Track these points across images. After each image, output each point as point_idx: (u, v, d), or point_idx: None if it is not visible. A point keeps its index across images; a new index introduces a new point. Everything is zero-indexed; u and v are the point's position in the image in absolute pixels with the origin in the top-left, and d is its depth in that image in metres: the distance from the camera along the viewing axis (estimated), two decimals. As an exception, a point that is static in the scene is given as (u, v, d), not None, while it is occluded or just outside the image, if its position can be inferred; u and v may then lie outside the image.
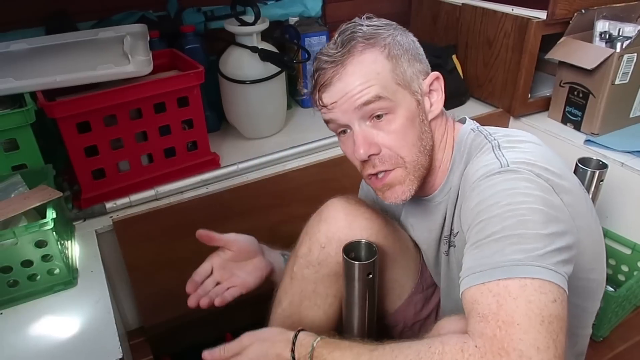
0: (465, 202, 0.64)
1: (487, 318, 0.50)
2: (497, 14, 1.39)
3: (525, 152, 0.65)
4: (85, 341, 0.76)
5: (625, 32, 1.26)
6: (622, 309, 1.12)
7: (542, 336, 0.47)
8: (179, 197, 1.12)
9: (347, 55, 0.68)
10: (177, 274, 1.16)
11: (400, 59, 0.69)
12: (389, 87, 0.68)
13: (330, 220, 0.81)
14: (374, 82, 0.67)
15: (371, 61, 0.68)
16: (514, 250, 0.53)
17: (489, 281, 0.52)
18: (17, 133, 0.95)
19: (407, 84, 0.70)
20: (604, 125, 1.32)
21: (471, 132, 0.74)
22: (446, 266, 0.82)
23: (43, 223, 0.80)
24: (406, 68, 0.70)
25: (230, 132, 1.39)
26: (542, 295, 0.50)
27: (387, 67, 0.68)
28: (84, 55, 1.10)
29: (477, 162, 0.67)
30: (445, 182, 0.76)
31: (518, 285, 0.51)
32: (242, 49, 1.26)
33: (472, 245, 0.58)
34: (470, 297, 0.54)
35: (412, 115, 0.70)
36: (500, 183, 0.60)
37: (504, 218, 0.56)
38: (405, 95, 0.70)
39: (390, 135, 0.70)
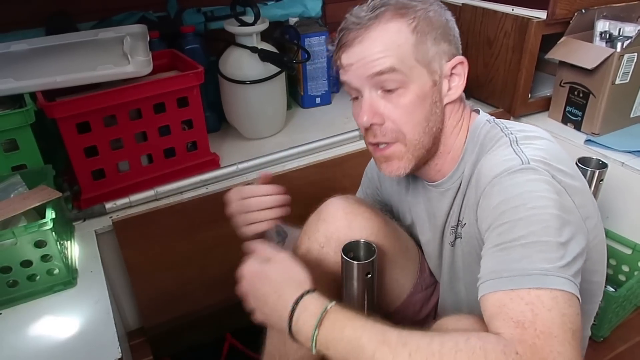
0: (485, 199, 0.63)
1: (523, 325, 0.50)
2: (497, 14, 1.39)
3: (541, 150, 0.64)
4: (85, 341, 0.76)
5: (626, 31, 1.26)
6: (623, 309, 1.12)
7: (574, 350, 0.49)
8: (178, 198, 1.12)
9: (374, 20, 0.67)
10: (177, 274, 1.17)
11: (427, 35, 0.67)
12: (407, 62, 0.67)
13: (330, 219, 0.80)
14: (392, 52, 0.66)
15: (395, 31, 0.67)
16: (541, 259, 0.54)
17: (520, 289, 0.53)
18: (17, 133, 0.95)
19: (427, 62, 0.68)
20: (604, 125, 1.32)
21: (487, 123, 0.73)
22: (450, 258, 0.80)
23: (42, 223, 0.80)
24: (430, 46, 0.68)
25: (230, 133, 1.39)
26: (572, 308, 0.52)
27: (410, 41, 0.67)
28: (84, 55, 1.10)
29: (494, 156, 0.66)
30: (455, 169, 0.74)
31: (550, 297, 0.52)
32: (242, 49, 1.26)
33: (496, 246, 0.57)
34: (496, 301, 0.54)
35: (424, 94, 0.69)
36: (523, 183, 0.60)
37: (530, 222, 0.56)
38: (422, 73, 0.68)
39: (398, 109, 0.69)
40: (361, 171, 1.29)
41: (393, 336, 0.53)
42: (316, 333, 0.58)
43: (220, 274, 1.22)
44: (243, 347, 1.32)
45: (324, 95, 1.53)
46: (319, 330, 0.58)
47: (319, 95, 1.53)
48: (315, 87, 1.51)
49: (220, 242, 1.18)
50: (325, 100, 1.54)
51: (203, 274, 1.20)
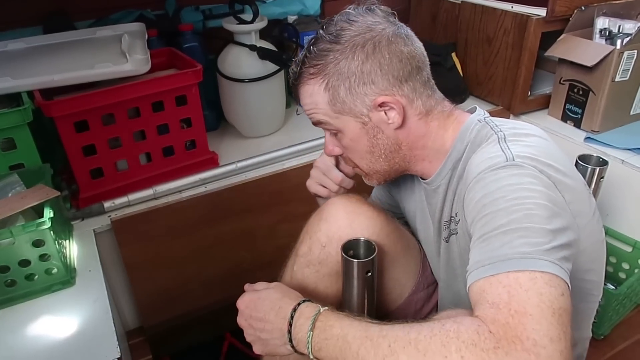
0: (469, 194, 0.64)
1: (498, 306, 0.50)
2: (497, 12, 1.39)
3: (530, 147, 0.64)
4: (83, 341, 0.76)
5: (625, 29, 1.26)
6: (623, 307, 1.11)
7: (554, 327, 0.48)
8: (177, 196, 1.11)
9: (299, 80, 0.75)
10: (176, 273, 1.17)
11: (338, 89, 0.71)
12: (329, 114, 0.74)
13: (331, 219, 0.80)
14: (315, 110, 0.75)
15: (310, 93, 0.74)
16: (521, 243, 0.53)
17: (499, 273, 0.52)
18: (14, 132, 0.94)
19: (348, 109, 0.72)
20: (604, 123, 1.32)
21: (477, 122, 0.73)
22: (446, 254, 0.81)
23: (40, 222, 0.80)
24: (345, 97, 0.71)
25: (228, 131, 1.39)
26: (552, 288, 0.50)
27: (325, 99, 0.72)
28: (82, 54, 1.09)
29: (482, 153, 0.67)
30: (442, 167, 0.76)
31: (528, 278, 0.51)
32: (240, 47, 1.25)
33: (478, 238, 0.58)
34: (478, 289, 0.54)
35: (356, 134, 0.74)
36: (505, 178, 0.60)
37: (511, 212, 0.56)
38: (346, 119, 0.73)
39: (344, 148, 0.78)
40: (360, 169, 1.29)
41: (375, 330, 0.56)
42: (310, 336, 0.61)
43: (219, 272, 1.22)
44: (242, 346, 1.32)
45: (323, 93, 1.53)
46: (313, 332, 0.61)
47: (318, 93, 1.52)
48: (314, 85, 1.51)
49: (219, 240, 1.18)
50: (325, 98, 1.54)
51: (202, 272, 1.20)
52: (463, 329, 0.50)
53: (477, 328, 0.49)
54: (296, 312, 0.65)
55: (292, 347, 0.65)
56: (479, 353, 0.47)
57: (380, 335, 0.54)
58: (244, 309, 0.73)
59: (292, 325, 0.65)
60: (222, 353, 1.30)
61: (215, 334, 1.34)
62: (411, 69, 0.71)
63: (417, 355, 0.50)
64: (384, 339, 0.54)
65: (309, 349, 0.62)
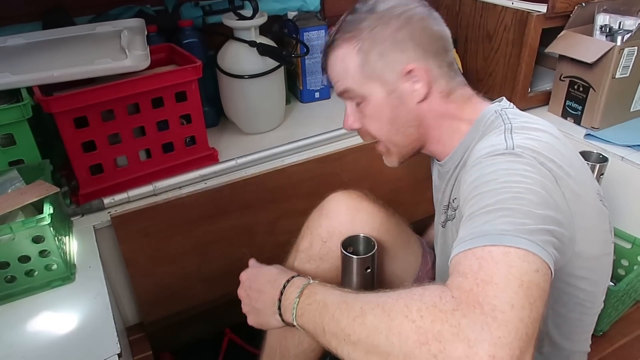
0: (464, 176, 0.65)
1: (466, 275, 0.51)
2: (497, 8, 1.39)
3: (534, 140, 0.64)
4: (83, 337, 0.76)
5: (626, 25, 1.26)
6: (622, 304, 1.12)
7: (518, 296, 0.48)
8: (177, 193, 1.11)
9: (330, 49, 0.78)
10: (176, 269, 1.17)
11: (370, 53, 0.74)
12: (358, 80, 0.76)
13: (332, 214, 0.81)
14: (343, 77, 0.77)
15: (342, 58, 0.77)
16: (503, 222, 0.54)
17: (475, 247, 0.53)
18: (13, 128, 0.94)
19: (377, 76, 0.75)
20: (604, 119, 1.31)
21: (494, 113, 0.74)
22: (442, 239, 0.82)
23: (40, 218, 0.80)
24: (376, 62, 0.74)
25: (228, 127, 1.39)
26: (525, 263, 0.50)
27: (356, 62, 0.75)
28: (81, 49, 1.09)
29: (485, 141, 0.68)
30: (452, 153, 0.78)
31: (502, 252, 0.51)
32: (240, 43, 1.25)
33: (466, 217, 0.59)
34: (454, 261, 0.55)
35: (380, 104, 0.77)
36: (501, 163, 0.61)
37: (499, 193, 0.57)
38: (373, 86, 0.76)
39: (365, 118, 0.80)
40: (360, 166, 1.29)
41: (351, 296, 0.59)
42: (296, 302, 0.66)
43: (219, 268, 1.22)
44: (242, 342, 1.32)
45: (323, 89, 1.53)
46: (299, 299, 0.66)
47: (317, 89, 1.52)
48: (314, 81, 1.50)
49: (219, 237, 1.18)
50: (325, 94, 1.54)
51: (202, 268, 1.20)
52: (427, 293, 0.51)
53: (441, 293, 0.50)
54: (289, 283, 0.70)
55: (280, 315, 0.69)
56: (437, 313, 0.48)
57: (356, 299, 0.58)
58: (245, 280, 0.78)
59: (282, 294, 0.69)
60: (222, 349, 1.31)
61: (215, 330, 1.34)
62: (439, 47, 0.75)
63: (382, 314, 0.52)
64: (358, 302, 0.57)
65: (294, 315, 0.65)
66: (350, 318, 0.55)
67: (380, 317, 0.52)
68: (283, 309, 0.69)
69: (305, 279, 0.70)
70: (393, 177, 1.33)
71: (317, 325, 0.61)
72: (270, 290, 0.72)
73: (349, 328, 0.55)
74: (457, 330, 0.46)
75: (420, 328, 0.48)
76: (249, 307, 0.76)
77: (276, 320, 0.70)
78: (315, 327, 0.61)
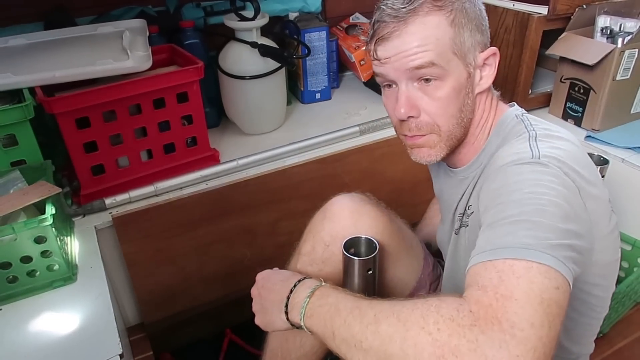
0: (487, 183, 0.64)
1: (485, 289, 0.50)
2: (498, 9, 1.39)
3: (559, 149, 0.63)
4: (85, 337, 0.76)
5: (627, 27, 1.26)
6: (622, 306, 1.12)
7: (538, 314, 0.47)
8: (178, 193, 1.11)
9: (412, 14, 0.66)
10: (177, 270, 1.17)
11: (464, 27, 0.68)
12: (445, 55, 0.67)
13: (335, 218, 0.81)
14: (431, 47, 0.67)
15: (434, 25, 0.67)
16: (526, 235, 0.53)
17: (496, 259, 0.52)
18: (15, 129, 0.94)
19: (463, 54, 0.69)
20: (604, 121, 1.32)
21: (515, 118, 0.72)
22: (453, 246, 0.81)
23: (42, 219, 0.80)
24: (466, 38, 0.68)
25: (229, 128, 1.39)
26: (546, 279, 0.50)
27: (448, 34, 0.67)
28: (83, 50, 1.09)
29: (509, 148, 0.66)
30: (474, 160, 0.75)
31: (523, 267, 0.50)
32: (241, 44, 1.25)
33: (487, 226, 0.58)
34: (473, 272, 0.54)
35: (459, 86, 0.69)
36: (526, 172, 0.60)
37: (523, 204, 0.56)
38: (458, 65, 0.69)
39: (434, 102, 0.70)
40: (361, 167, 1.29)
41: (365, 303, 0.58)
42: (307, 302, 0.65)
43: (220, 269, 1.22)
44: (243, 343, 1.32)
45: (324, 90, 1.53)
46: (310, 299, 0.65)
47: (319, 90, 1.52)
48: (315, 82, 1.51)
49: (220, 237, 1.18)
50: (325, 95, 1.54)
51: (203, 269, 1.20)
52: (444, 305, 0.51)
53: (458, 306, 0.50)
54: (300, 282, 0.69)
55: (286, 314, 0.68)
56: (454, 327, 0.48)
57: (369, 306, 0.57)
58: (260, 279, 0.77)
59: (292, 292, 0.68)
60: (223, 349, 1.31)
61: (216, 330, 1.34)
62: None
63: (398, 324, 0.52)
64: (372, 309, 0.56)
65: (302, 314, 0.64)
66: (363, 325, 0.55)
67: (395, 326, 0.51)
68: (290, 307, 0.67)
69: (317, 280, 0.69)
70: (394, 178, 1.33)
71: (326, 328, 0.60)
72: (280, 288, 0.71)
73: (362, 334, 0.54)
74: (475, 346, 0.46)
75: (437, 341, 0.47)
76: (258, 306, 0.75)
77: (281, 320, 0.69)
78: (325, 330, 0.60)
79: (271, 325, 0.72)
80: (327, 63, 1.49)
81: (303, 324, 0.64)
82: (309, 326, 0.63)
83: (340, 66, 1.64)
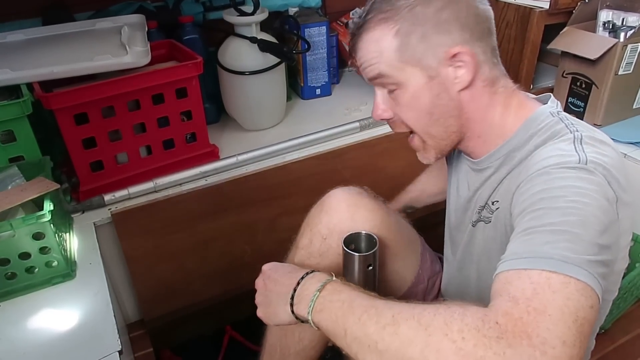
0: (528, 184, 0.61)
1: (517, 300, 0.48)
2: (499, 4, 1.38)
3: (605, 155, 0.61)
4: (84, 334, 0.75)
5: (629, 21, 1.25)
6: (624, 301, 1.11)
7: (571, 332, 0.46)
8: (177, 189, 1.11)
9: (361, 29, 0.70)
10: (176, 266, 1.17)
11: (410, 36, 0.67)
12: (394, 65, 0.68)
13: (332, 211, 0.80)
14: (377, 60, 0.69)
15: (376, 40, 0.69)
16: (566, 247, 0.51)
17: (532, 269, 0.50)
18: (14, 124, 0.94)
19: (416, 60, 0.68)
20: (606, 116, 1.31)
21: (550, 115, 0.70)
22: (468, 238, 0.79)
23: (40, 215, 0.79)
24: (416, 45, 0.67)
25: (229, 124, 1.38)
26: (582, 297, 0.48)
27: (393, 46, 0.68)
28: (82, 46, 1.08)
29: (553, 148, 0.63)
30: (497, 149, 0.72)
31: (561, 281, 0.48)
32: (241, 39, 1.24)
33: (524, 230, 0.55)
34: (504, 278, 0.52)
35: (419, 90, 0.69)
36: (572, 178, 0.57)
37: (567, 213, 0.54)
38: (412, 72, 0.68)
39: (399, 107, 0.72)
40: (361, 163, 1.29)
41: (381, 302, 0.56)
42: (317, 295, 0.62)
43: (219, 266, 1.22)
44: (243, 339, 1.32)
45: (324, 86, 1.52)
46: (320, 293, 0.62)
47: (319, 86, 1.52)
48: (315, 78, 1.50)
49: (219, 233, 1.18)
50: (325, 91, 1.53)
51: (203, 266, 1.20)
52: (469, 314, 0.49)
53: (483, 317, 0.48)
54: (309, 275, 0.66)
55: (291, 306, 0.65)
56: (480, 338, 0.46)
57: (386, 306, 0.54)
58: (266, 270, 0.73)
59: (299, 284, 0.65)
60: (223, 346, 1.31)
61: (216, 326, 1.34)
62: (484, 29, 0.69)
63: (419, 328, 0.50)
64: (389, 310, 0.54)
65: (311, 307, 0.61)
66: (379, 325, 0.52)
67: (416, 330, 0.50)
68: (297, 300, 0.64)
69: (328, 274, 0.66)
70: (394, 174, 1.33)
71: (337, 324, 0.57)
72: (287, 280, 0.68)
73: (377, 335, 0.52)
74: (502, 359, 0.44)
75: (462, 350, 0.46)
76: (262, 297, 0.72)
77: (286, 312, 0.66)
78: (335, 327, 0.58)
79: (274, 318, 0.69)
80: (327, 58, 1.48)
81: (310, 318, 0.62)
82: (317, 321, 0.61)
83: (341, 62, 1.63)
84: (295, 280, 0.66)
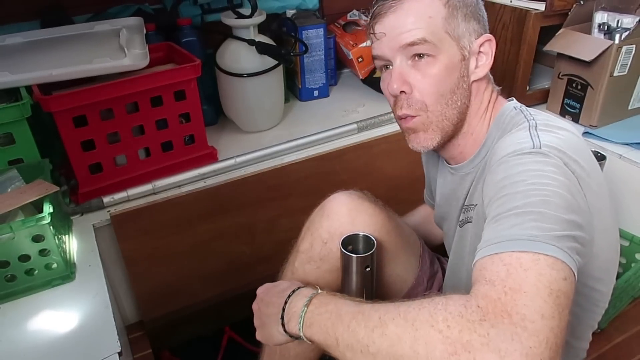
0: (490, 175, 0.64)
1: (493, 283, 0.50)
2: (496, 6, 1.39)
3: (560, 139, 0.63)
4: (84, 335, 0.76)
5: (624, 23, 1.26)
6: (620, 301, 1.12)
7: (548, 305, 0.47)
8: (176, 191, 1.11)
9: None
10: (175, 268, 1.17)
11: (458, 10, 0.70)
12: (437, 33, 0.70)
13: (333, 215, 0.81)
14: (424, 24, 0.69)
15: (427, 4, 0.70)
16: (532, 227, 0.53)
17: (503, 252, 0.52)
18: (13, 127, 0.94)
19: (457, 36, 0.71)
20: (602, 117, 1.32)
21: (513, 109, 0.73)
22: (458, 239, 0.81)
23: (40, 217, 0.80)
24: (460, 22, 0.70)
25: (227, 126, 1.39)
26: (554, 271, 0.50)
27: (441, 14, 0.69)
28: (80, 48, 1.09)
29: (510, 138, 0.66)
30: (476, 154, 0.75)
31: (531, 259, 0.50)
32: (239, 42, 1.25)
33: (492, 219, 0.57)
34: (479, 266, 0.53)
35: (452, 65, 0.71)
36: (529, 163, 0.60)
37: (528, 195, 0.56)
38: (451, 45, 0.71)
39: (425, 78, 0.71)
40: (359, 164, 1.29)
41: (367, 306, 0.57)
42: (304, 311, 0.63)
43: (218, 267, 1.22)
44: (242, 340, 1.33)
45: (322, 88, 1.53)
46: (307, 308, 0.63)
47: (316, 88, 1.52)
48: (313, 79, 1.51)
49: (218, 235, 1.18)
50: (323, 93, 1.54)
51: (201, 267, 1.20)
52: (451, 302, 0.50)
53: (465, 302, 0.49)
54: (295, 292, 0.68)
55: (283, 326, 0.66)
56: (464, 323, 0.47)
57: (373, 309, 0.56)
58: (260, 293, 0.75)
59: (286, 303, 0.67)
60: (222, 347, 1.31)
61: (215, 328, 1.34)
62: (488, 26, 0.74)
63: (405, 324, 0.51)
64: (376, 312, 0.55)
65: (301, 324, 0.63)
66: (368, 329, 0.53)
67: (403, 327, 0.51)
68: (287, 319, 0.66)
69: (313, 288, 0.68)
70: (391, 175, 1.34)
71: (329, 336, 0.58)
72: (276, 300, 0.70)
73: (368, 339, 0.53)
74: (487, 340, 0.45)
75: (448, 338, 0.47)
76: (258, 320, 0.74)
77: (279, 332, 0.67)
78: (327, 338, 0.59)
79: (271, 339, 0.71)
80: (325, 60, 1.49)
81: (302, 334, 0.63)
82: (309, 335, 0.62)
83: (338, 63, 1.64)
84: (283, 299, 0.68)
